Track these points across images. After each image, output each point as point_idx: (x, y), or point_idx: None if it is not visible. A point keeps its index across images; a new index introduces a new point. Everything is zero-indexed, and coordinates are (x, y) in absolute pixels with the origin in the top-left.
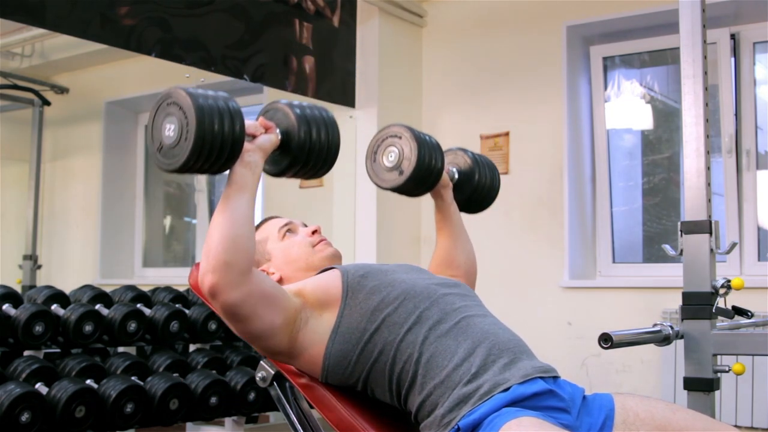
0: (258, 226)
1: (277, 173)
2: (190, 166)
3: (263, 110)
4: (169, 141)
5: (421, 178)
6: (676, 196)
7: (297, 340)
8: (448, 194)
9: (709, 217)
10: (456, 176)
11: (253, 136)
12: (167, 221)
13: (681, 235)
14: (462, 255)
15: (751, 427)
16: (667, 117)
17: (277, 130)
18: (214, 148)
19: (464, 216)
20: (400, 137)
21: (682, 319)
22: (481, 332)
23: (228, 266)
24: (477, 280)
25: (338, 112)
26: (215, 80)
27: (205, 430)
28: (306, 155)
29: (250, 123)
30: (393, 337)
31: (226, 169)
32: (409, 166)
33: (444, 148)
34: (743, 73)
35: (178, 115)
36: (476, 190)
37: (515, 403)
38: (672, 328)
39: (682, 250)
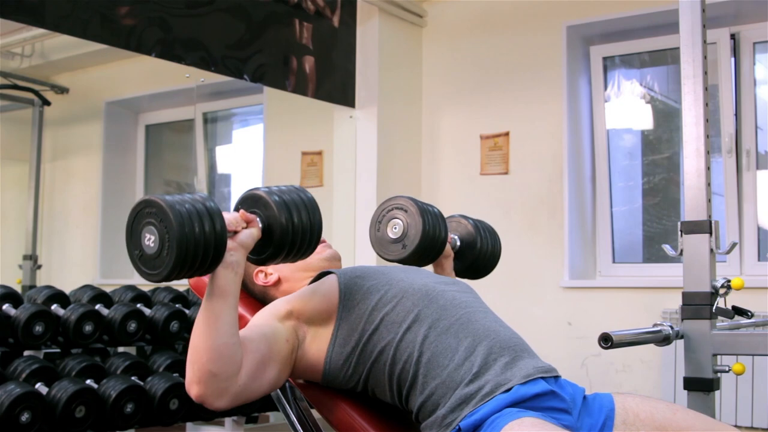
0: None
1: (260, 263)
2: (174, 276)
3: (241, 200)
4: (150, 251)
5: (425, 252)
6: (676, 196)
7: (298, 356)
8: (449, 264)
9: (709, 217)
10: (458, 244)
11: (235, 232)
12: None
13: (681, 235)
14: None
15: (751, 427)
16: (667, 117)
17: (258, 221)
18: (198, 254)
19: (462, 212)
20: (406, 210)
21: (682, 319)
22: (483, 329)
23: (214, 376)
24: (476, 280)
25: (338, 112)
26: (215, 80)
27: (205, 430)
28: (290, 242)
29: (231, 217)
30: (392, 336)
31: (210, 272)
32: (413, 241)
33: (446, 214)
34: (743, 73)
35: (158, 227)
36: (478, 258)
37: (517, 403)
38: (672, 328)
39: (682, 250)
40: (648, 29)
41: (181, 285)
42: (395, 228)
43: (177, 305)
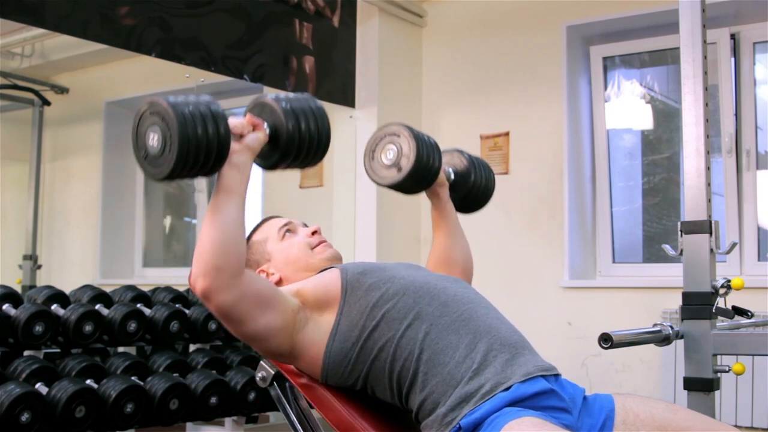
0: (258, 226)
1: (269, 167)
2: (176, 174)
3: (250, 106)
4: (153, 151)
5: (419, 176)
6: (676, 196)
7: (297, 342)
8: (445, 193)
9: (709, 217)
10: (452, 176)
11: (241, 135)
12: (167, 221)
13: (681, 235)
14: (459, 252)
15: (751, 427)
16: (667, 117)
17: (265, 126)
18: (200, 153)
19: (463, 216)
20: (399, 135)
21: (682, 319)
22: (483, 326)
23: (218, 270)
24: (477, 280)
25: (338, 112)
26: (215, 80)
27: (205, 430)
28: (296, 148)
29: (237, 122)
30: (393, 333)
31: (214, 173)
32: (407, 164)
33: (442, 148)
34: (743, 73)
35: (161, 125)
36: (472, 190)
37: (517, 402)
38: (672, 328)
39: (682, 250)
40: (648, 29)
41: (181, 285)
42: (389, 154)
43: (177, 305)
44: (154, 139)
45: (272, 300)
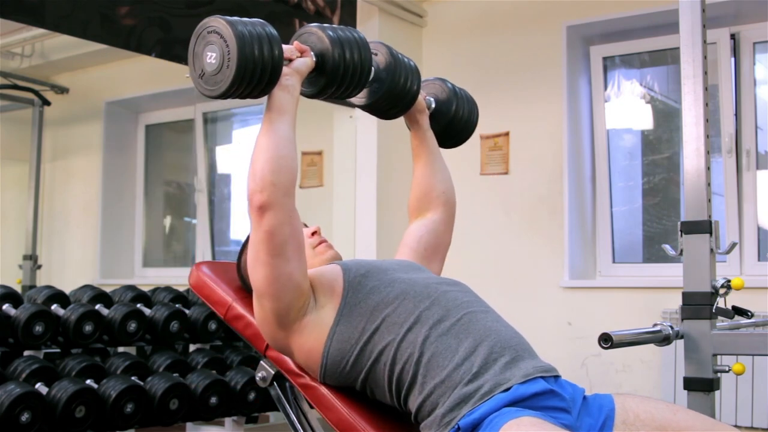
0: None
1: (314, 94)
2: (232, 92)
3: (297, 35)
4: (210, 68)
5: (395, 97)
6: (676, 196)
7: (299, 323)
8: (424, 120)
9: (709, 217)
10: (433, 105)
11: (290, 60)
12: (167, 221)
13: (681, 235)
14: (440, 183)
15: (751, 427)
16: (667, 117)
17: (312, 53)
18: (255, 73)
19: (463, 216)
20: (377, 54)
21: (682, 319)
22: (484, 329)
23: (274, 186)
24: (477, 280)
25: (338, 112)
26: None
27: (205, 430)
28: (341, 76)
29: (286, 47)
30: (393, 336)
31: (265, 94)
32: (382, 84)
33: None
34: (743, 73)
35: (219, 43)
36: (452, 121)
37: (516, 402)
38: (672, 328)
39: (682, 250)
40: (648, 29)
41: (181, 285)
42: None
43: (177, 305)
44: (212, 57)
45: (303, 251)
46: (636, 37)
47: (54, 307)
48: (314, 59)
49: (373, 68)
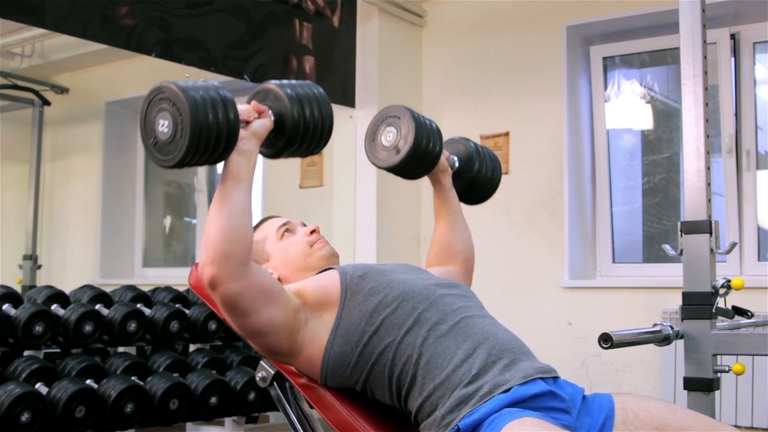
0: (257, 226)
1: (274, 155)
2: (187, 161)
3: (254, 93)
4: (164, 137)
5: (417, 159)
6: (676, 196)
7: (296, 341)
8: (447, 180)
9: (709, 217)
10: (456, 164)
11: (247, 122)
12: (167, 221)
13: (681, 235)
14: (460, 242)
15: (751, 427)
16: (667, 117)
17: (270, 113)
18: (211, 140)
19: (464, 212)
20: (399, 117)
21: (682, 319)
22: (481, 333)
23: (227, 257)
24: (477, 280)
25: (338, 112)
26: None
27: (205, 430)
28: (301, 134)
29: (243, 108)
30: (392, 338)
31: (222, 160)
32: (405, 146)
33: (447, 138)
34: (743, 73)
35: (171, 111)
36: (476, 180)
37: (516, 403)
38: (672, 328)
39: (682, 250)
40: (648, 29)
41: (181, 285)
42: (389, 136)
43: (177, 305)
44: (164, 126)
45: (276, 295)
46: (636, 37)
47: (54, 307)
48: (273, 119)
49: (395, 130)
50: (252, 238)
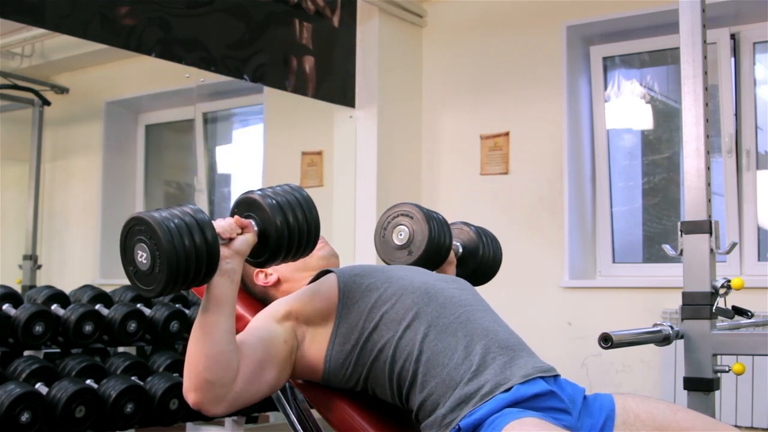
0: None
1: (259, 265)
2: (168, 290)
3: (235, 205)
4: (143, 267)
5: (430, 258)
6: (676, 196)
7: (296, 358)
8: (452, 271)
9: (709, 217)
10: (460, 251)
11: (230, 239)
12: None
13: (681, 235)
14: None
15: (751, 427)
16: (667, 117)
17: (253, 224)
18: (190, 267)
19: (462, 212)
20: (411, 217)
21: (682, 319)
22: (481, 329)
23: (211, 384)
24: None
25: (338, 112)
26: (215, 80)
27: (205, 430)
28: (287, 243)
29: (225, 224)
30: (392, 334)
31: (205, 283)
32: (419, 247)
33: (446, 219)
34: (743, 73)
35: (149, 243)
36: (480, 264)
37: (516, 403)
38: (672, 328)
39: (682, 250)
40: (648, 29)
41: None
42: (401, 234)
43: (177, 305)
44: (142, 257)
45: (266, 361)
46: (636, 37)
47: (54, 307)
48: (256, 231)
49: (407, 230)
50: (237, 359)
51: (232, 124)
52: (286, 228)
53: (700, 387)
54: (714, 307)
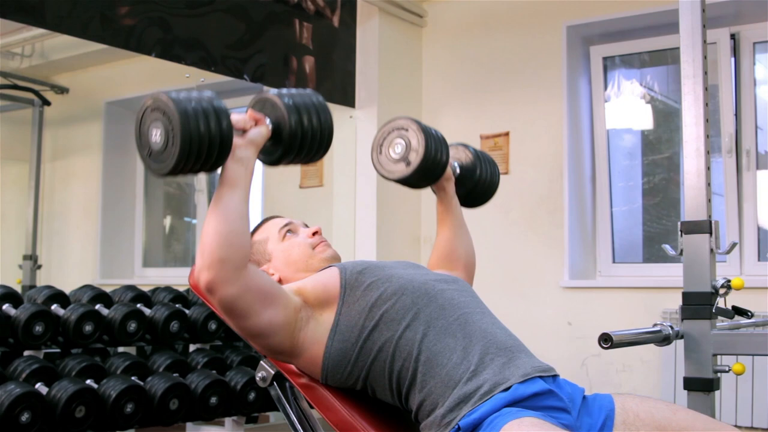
0: (258, 226)
1: (272, 163)
2: (180, 169)
3: (252, 102)
4: (156, 147)
5: (427, 171)
6: (676, 196)
7: (298, 340)
8: (451, 187)
9: (709, 217)
10: (458, 171)
11: (244, 131)
12: (167, 221)
13: (681, 235)
14: (462, 248)
15: (751, 427)
16: (667, 117)
17: (268, 121)
18: (203, 148)
19: (464, 213)
20: (407, 129)
21: (682, 319)
22: (479, 331)
23: (222, 262)
24: (477, 280)
25: (338, 112)
26: (215, 80)
27: (205, 430)
28: (299, 143)
29: (240, 117)
30: (391, 333)
31: (217, 168)
32: (416, 158)
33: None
34: (743, 73)
35: (163, 121)
36: (477, 185)
37: (515, 402)
38: (672, 328)
39: (682, 250)
40: (648, 29)
41: (181, 285)
42: (397, 148)
43: (177, 305)
44: (156, 135)
45: (275, 295)
46: (636, 37)
47: (54, 307)
48: (270, 127)
49: (404, 143)
50: (249, 243)
51: None
52: (300, 127)
53: (700, 387)
54: (714, 307)
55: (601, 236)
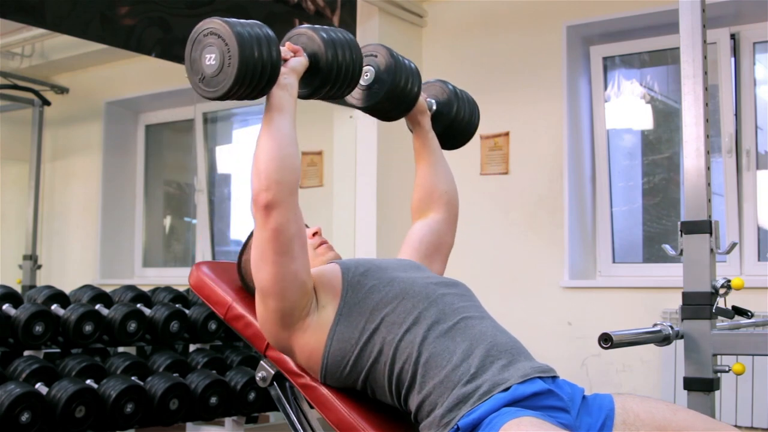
0: None
1: (308, 95)
2: (234, 92)
3: (287, 37)
4: (210, 70)
5: (396, 99)
6: (676, 196)
7: (299, 326)
8: (426, 121)
9: (709, 217)
10: (434, 107)
11: (284, 60)
12: (167, 221)
13: (681, 235)
14: (442, 184)
15: (751, 427)
16: (667, 117)
17: (305, 53)
18: (256, 72)
19: (462, 216)
20: (376, 56)
21: (682, 319)
22: (480, 334)
23: (279, 184)
24: (477, 280)
25: (338, 112)
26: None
27: (205, 430)
28: (335, 76)
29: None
30: (392, 336)
31: (264, 94)
32: (383, 86)
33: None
34: (743, 73)
35: (218, 44)
36: (453, 123)
37: (515, 402)
38: (672, 328)
39: (682, 250)
40: (648, 29)
41: (181, 285)
42: (366, 75)
43: (177, 305)
44: (211, 59)
45: (307, 253)
46: (636, 37)
47: (54, 307)
48: (307, 59)
49: (373, 69)
50: (300, 167)
51: (232, 124)
52: (336, 60)
53: (700, 387)
54: (714, 307)
55: (601, 236)
